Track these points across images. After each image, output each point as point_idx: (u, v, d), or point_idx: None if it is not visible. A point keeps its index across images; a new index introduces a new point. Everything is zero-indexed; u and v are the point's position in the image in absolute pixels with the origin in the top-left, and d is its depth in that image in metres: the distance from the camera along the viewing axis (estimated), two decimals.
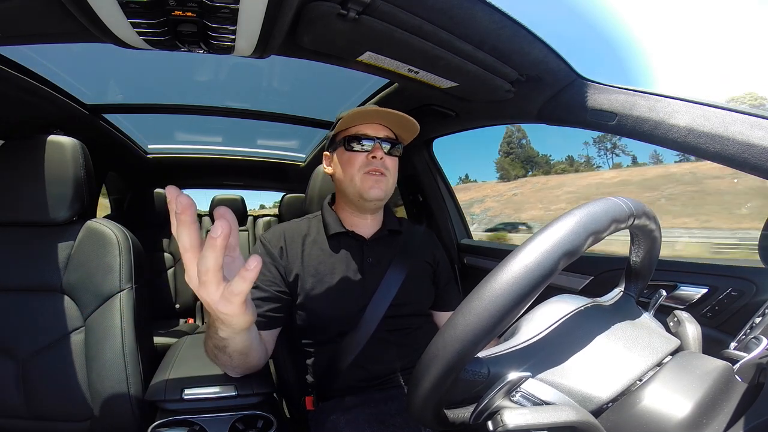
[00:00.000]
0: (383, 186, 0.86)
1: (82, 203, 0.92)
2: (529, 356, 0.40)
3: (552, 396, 0.37)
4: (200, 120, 1.86)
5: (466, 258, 1.50)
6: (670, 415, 0.33)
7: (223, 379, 0.79)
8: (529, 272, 0.33)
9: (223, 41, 0.74)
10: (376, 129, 0.88)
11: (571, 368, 0.39)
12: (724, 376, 0.36)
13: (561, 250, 0.34)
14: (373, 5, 0.66)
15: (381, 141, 0.87)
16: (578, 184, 15.36)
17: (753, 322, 0.47)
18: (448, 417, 0.41)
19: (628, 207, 0.39)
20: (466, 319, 0.34)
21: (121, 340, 0.86)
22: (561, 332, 0.42)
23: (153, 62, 1.31)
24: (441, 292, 1.00)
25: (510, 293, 0.33)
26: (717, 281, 0.73)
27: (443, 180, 1.59)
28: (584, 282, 0.98)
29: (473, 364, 0.39)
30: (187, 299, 2.42)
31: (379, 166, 0.86)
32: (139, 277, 0.92)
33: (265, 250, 0.87)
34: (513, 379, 0.37)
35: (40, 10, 0.66)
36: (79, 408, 0.85)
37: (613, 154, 16.03)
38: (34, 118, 1.24)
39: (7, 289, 0.87)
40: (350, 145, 0.87)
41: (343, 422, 0.77)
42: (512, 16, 0.71)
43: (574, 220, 0.35)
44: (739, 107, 0.66)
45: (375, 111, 0.85)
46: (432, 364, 0.36)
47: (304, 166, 2.38)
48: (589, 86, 0.86)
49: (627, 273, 0.50)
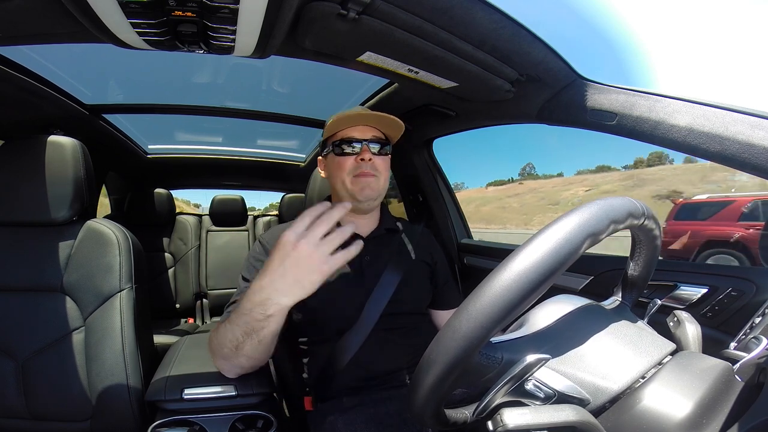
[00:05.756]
0: (374, 186, 0.88)
1: (82, 203, 0.92)
2: (542, 343, 0.40)
3: (564, 386, 0.37)
4: (200, 120, 1.86)
5: (466, 258, 1.50)
6: (670, 414, 0.33)
7: (223, 379, 0.79)
8: (555, 250, 0.33)
9: (223, 41, 0.74)
10: (363, 131, 0.89)
11: (581, 359, 0.39)
12: (724, 375, 0.36)
13: (585, 231, 0.34)
14: (373, 5, 0.66)
15: (369, 142, 0.88)
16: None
17: (753, 322, 0.47)
18: (448, 416, 0.41)
19: (642, 206, 0.40)
20: (481, 302, 0.34)
21: (121, 340, 0.86)
22: (567, 326, 0.42)
23: (153, 62, 1.31)
24: (439, 291, 1.00)
25: (537, 269, 0.33)
26: (717, 281, 0.73)
27: (443, 180, 1.59)
28: (584, 282, 0.98)
29: (487, 348, 0.39)
30: (187, 299, 2.42)
31: (369, 168, 0.87)
32: (139, 277, 0.92)
33: (264, 250, 0.87)
34: (531, 360, 0.37)
35: (40, 10, 0.66)
36: (78, 408, 0.85)
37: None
38: (34, 118, 1.24)
39: (7, 289, 0.87)
40: (339, 149, 0.88)
41: (342, 423, 0.77)
42: (512, 16, 0.71)
43: (597, 206, 0.36)
44: (739, 107, 0.66)
45: (358, 114, 0.87)
46: (447, 343, 0.35)
47: (304, 166, 2.38)
48: (589, 86, 0.86)
49: (623, 282, 0.50)
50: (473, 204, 27.82)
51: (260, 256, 0.87)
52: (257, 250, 0.89)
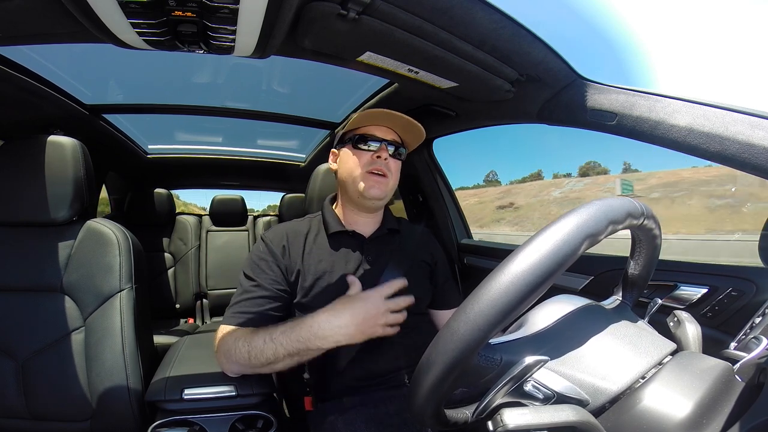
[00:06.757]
0: (384, 187, 0.88)
1: (82, 203, 0.92)
2: (541, 344, 0.40)
3: (563, 386, 0.37)
4: (200, 120, 1.86)
5: (466, 258, 1.50)
6: (670, 414, 0.33)
7: (223, 379, 0.79)
8: (553, 251, 0.33)
9: (223, 41, 0.74)
10: (384, 131, 0.91)
11: (580, 360, 0.39)
12: (724, 376, 0.36)
13: (584, 232, 0.34)
14: (373, 5, 0.66)
15: (387, 143, 0.89)
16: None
17: (753, 322, 0.47)
18: (448, 417, 0.41)
19: (641, 206, 0.40)
20: (479, 304, 0.34)
21: (121, 340, 0.86)
22: (567, 326, 0.42)
23: (153, 62, 1.31)
24: (439, 290, 1.00)
25: (534, 271, 0.33)
26: (717, 281, 0.73)
27: (443, 180, 1.59)
28: (584, 282, 0.98)
29: (486, 350, 0.39)
30: (187, 299, 2.42)
31: (383, 166, 0.87)
32: (139, 277, 0.92)
33: (268, 249, 0.87)
34: (530, 362, 0.37)
35: (40, 10, 0.66)
36: (78, 408, 0.85)
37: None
38: (34, 118, 1.24)
39: (7, 289, 0.87)
40: (358, 144, 0.89)
41: (342, 423, 0.77)
42: (512, 16, 0.71)
43: (595, 206, 0.36)
44: (739, 107, 0.66)
45: (385, 113, 0.88)
46: (447, 344, 0.35)
47: (304, 166, 2.38)
48: (589, 86, 0.86)
49: (624, 282, 0.50)
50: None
51: (264, 254, 0.87)
52: (261, 249, 0.89)
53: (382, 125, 0.90)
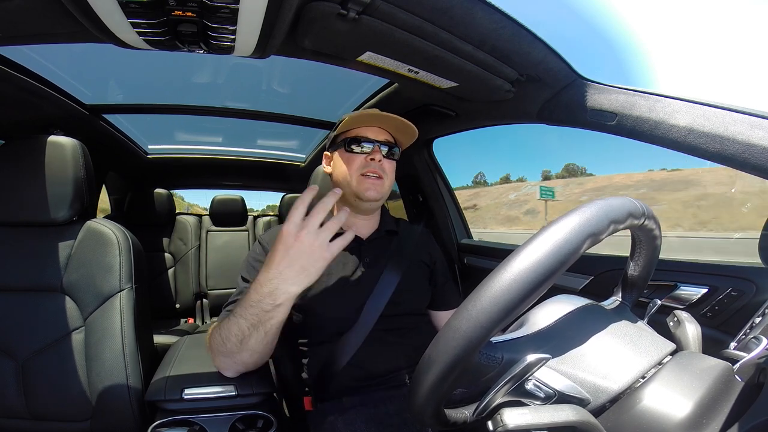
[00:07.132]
0: (379, 188, 0.88)
1: (82, 203, 0.92)
2: (542, 343, 0.40)
3: (564, 385, 0.37)
4: (200, 120, 1.86)
5: (466, 258, 1.50)
6: (670, 414, 0.33)
7: (223, 378, 0.79)
8: (556, 250, 0.33)
9: (223, 41, 0.74)
10: (377, 132, 0.90)
11: (581, 359, 0.39)
12: (724, 375, 0.36)
13: (586, 232, 0.34)
14: (373, 5, 0.66)
15: (380, 144, 0.89)
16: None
17: (753, 322, 0.47)
18: (448, 416, 0.41)
19: (642, 206, 0.41)
20: (481, 302, 0.33)
21: (121, 340, 0.86)
22: (568, 326, 0.42)
23: (153, 62, 1.31)
24: (439, 291, 1.00)
25: (537, 269, 0.33)
26: (717, 281, 0.73)
27: (443, 180, 1.59)
28: (584, 282, 0.98)
29: (488, 348, 0.39)
30: (187, 299, 2.42)
31: (377, 168, 0.87)
32: (139, 277, 0.92)
33: (264, 251, 0.87)
34: (532, 360, 0.36)
35: (40, 10, 0.66)
36: (78, 408, 0.85)
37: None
38: (34, 118, 1.24)
39: (7, 289, 0.87)
40: (350, 146, 0.89)
41: (342, 423, 0.77)
42: (512, 16, 0.71)
43: (597, 206, 0.36)
44: (739, 107, 0.66)
45: (376, 115, 0.88)
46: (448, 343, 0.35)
47: (304, 166, 2.38)
48: (589, 86, 0.86)
49: (623, 282, 0.50)
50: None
51: (260, 256, 0.87)
52: (257, 251, 0.89)
53: (374, 126, 0.90)
